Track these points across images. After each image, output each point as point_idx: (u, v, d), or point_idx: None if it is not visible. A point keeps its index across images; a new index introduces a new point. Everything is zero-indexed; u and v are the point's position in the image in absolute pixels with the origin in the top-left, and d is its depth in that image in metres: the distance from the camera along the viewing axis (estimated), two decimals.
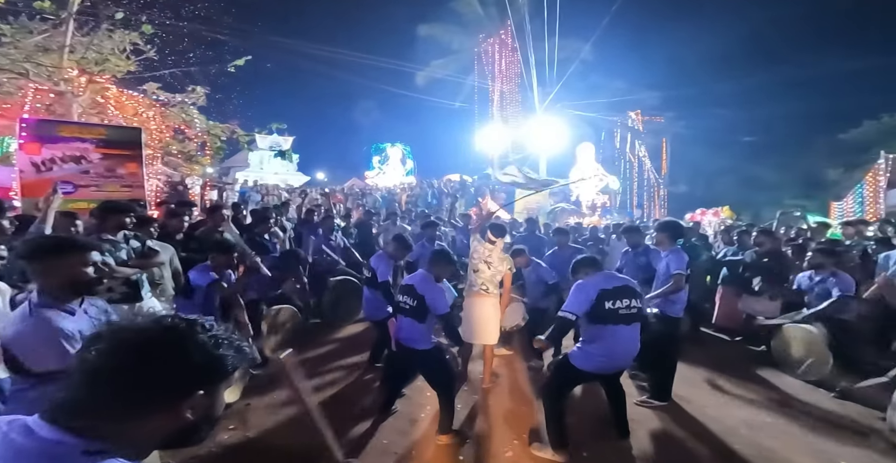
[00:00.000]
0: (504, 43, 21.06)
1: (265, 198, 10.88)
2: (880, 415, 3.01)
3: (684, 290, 3.58)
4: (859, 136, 17.89)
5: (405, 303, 2.91)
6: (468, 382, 3.83)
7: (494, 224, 4.00)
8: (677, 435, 3.05)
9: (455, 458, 2.70)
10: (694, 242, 6.08)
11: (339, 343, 4.97)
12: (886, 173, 12.77)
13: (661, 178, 22.40)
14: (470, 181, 15.47)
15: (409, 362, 3.01)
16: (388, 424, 3.09)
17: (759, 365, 4.33)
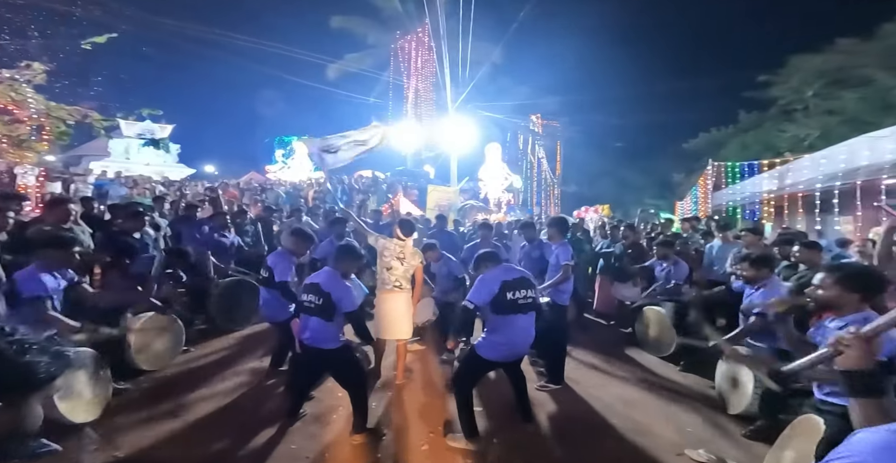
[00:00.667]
0: (421, 41, 20.65)
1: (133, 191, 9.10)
2: (711, 384, 3.51)
3: (571, 279, 3.85)
4: (696, 146, 21.03)
5: (310, 302, 2.72)
6: (381, 379, 3.73)
7: (403, 221, 3.91)
8: (569, 414, 3.26)
9: (372, 456, 2.61)
10: (578, 237, 6.61)
11: (235, 349, 4.45)
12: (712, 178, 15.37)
13: (555, 178, 24.16)
14: (382, 178, 14.99)
15: (317, 363, 2.85)
16: (296, 428, 2.88)
17: (628, 345, 4.82)
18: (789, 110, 16.32)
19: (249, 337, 4.84)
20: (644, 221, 8.11)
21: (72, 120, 8.76)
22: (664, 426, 3.05)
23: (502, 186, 17.21)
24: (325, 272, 2.85)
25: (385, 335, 3.73)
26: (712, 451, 2.65)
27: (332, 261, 2.93)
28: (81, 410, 2.74)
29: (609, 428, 3.04)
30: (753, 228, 4.83)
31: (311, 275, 2.93)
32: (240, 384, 3.59)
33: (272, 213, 6.77)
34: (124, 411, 3.01)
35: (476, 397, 2.92)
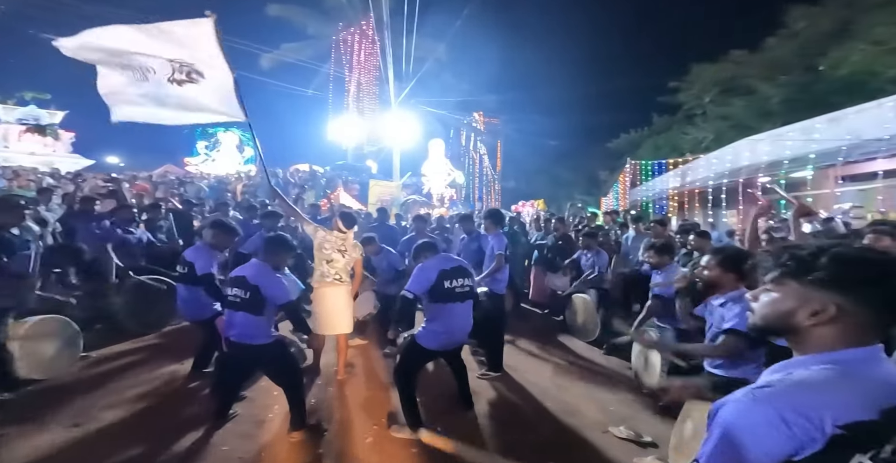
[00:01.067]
0: (365, 34, 19.79)
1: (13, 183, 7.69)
2: (629, 365, 3.75)
3: (505, 268, 3.92)
4: (618, 146, 22.69)
5: (236, 296, 2.55)
6: (322, 375, 3.58)
7: (344, 213, 3.77)
8: (509, 401, 3.31)
9: (314, 452, 2.50)
10: (515, 230, 6.77)
11: (148, 353, 3.99)
12: (630, 175, 16.73)
13: (496, 175, 24.74)
14: (321, 172, 14.20)
15: (247, 360, 2.69)
16: (227, 429, 2.70)
17: (560, 332, 5.02)
18: (691, 115, 17.92)
19: (165, 339, 4.36)
20: (573, 215, 8.55)
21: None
22: (590, 407, 3.20)
23: (445, 182, 17.24)
24: (253, 265, 2.66)
25: (325, 330, 3.56)
26: (632, 427, 2.82)
27: (261, 253, 2.76)
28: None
29: (544, 411, 3.13)
30: (660, 220, 5.29)
31: (237, 268, 2.71)
32: (156, 388, 3.25)
33: (192, 208, 6.10)
34: (10, 423, 2.66)
35: (419, 388, 2.89)
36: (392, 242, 5.19)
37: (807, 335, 0.79)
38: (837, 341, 0.77)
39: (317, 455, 2.47)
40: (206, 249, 3.30)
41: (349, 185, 12.71)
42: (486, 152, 24.13)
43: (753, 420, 0.72)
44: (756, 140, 9.88)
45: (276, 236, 2.92)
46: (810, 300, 0.78)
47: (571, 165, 27.04)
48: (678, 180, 13.52)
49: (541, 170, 27.30)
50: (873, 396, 0.73)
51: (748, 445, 0.72)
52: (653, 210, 14.79)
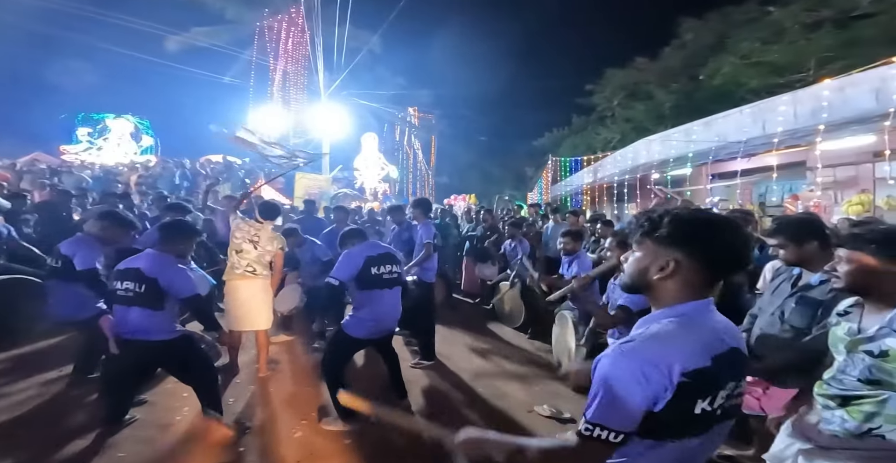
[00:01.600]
0: (294, 22, 18.17)
1: None
2: (550, 348, 3.91)
3: (434, 257, 3.88)
4: (542, 144, 24.09)
5: (127, 290, 2.28)
6: (241, 374, 3.35)
7: (265, 203, 3.51)
8: (442, 388, 3.29)
9: (234, 451, 2.33)
10: (447, 222, 6.82)
11: (14, 363, 3.41)
12: (552, 171, 17.81)
13: (430, 170, 24.71)
14: (239, 163, 12.80)
15: (145, 359, 2.39)
16: (124, 435, 2.43)
17: (490, 320, 5.11)
18: (603, 117, 19.49)
19: (36, 347, 3.72)
20: (502, 208, 8.82)
21: None
22: (517, 389, 3.27)
23: (378, 176, 16.75)
24: (148, 255, 2.37)
25: (239, 326, 3.25)
26: (554, 405, 2.92)
27: (157, 243, 2.47)
28: None
29: (475, 396, 3.14)
30: (574, 211, 5.63)
31: (127, 259, 2.38)
32: (30, 399, 2.83)
33: (70, 199, 5.12)
34: None
35: (351, 379, 2.82)
36: (319, 234, 4.87)
37: (657, 290, 0.87)
38: (679, 295, 0.85)
39: (238, 454, 2.30)
40: (89, 241, 2.86)
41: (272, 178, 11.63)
42: (421, 147, 23.95)
43: (622, 373, 0.78)
44: (650, 140, 11.02)
45: (172, 221, 2.61)
46: (658, 256, 0.85)
47: (501, 162, 28.00)
48: (591, 177, 14.67)
49: (473, 165, 27.87)
50: (708, 345, 0.82)
51: (622, 396, 0.77)
52: (570, 203, 15.90)
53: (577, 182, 16.24)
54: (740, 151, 7.88)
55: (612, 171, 12.86)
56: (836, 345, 1.37)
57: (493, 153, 27.87)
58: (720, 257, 0.84)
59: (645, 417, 0.78)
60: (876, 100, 5.79)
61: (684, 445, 0.82)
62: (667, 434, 0.81)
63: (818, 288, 1.71)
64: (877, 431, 1.23)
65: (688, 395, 0.78)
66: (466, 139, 26.57)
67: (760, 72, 12.29)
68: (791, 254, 1.80)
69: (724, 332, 0.86)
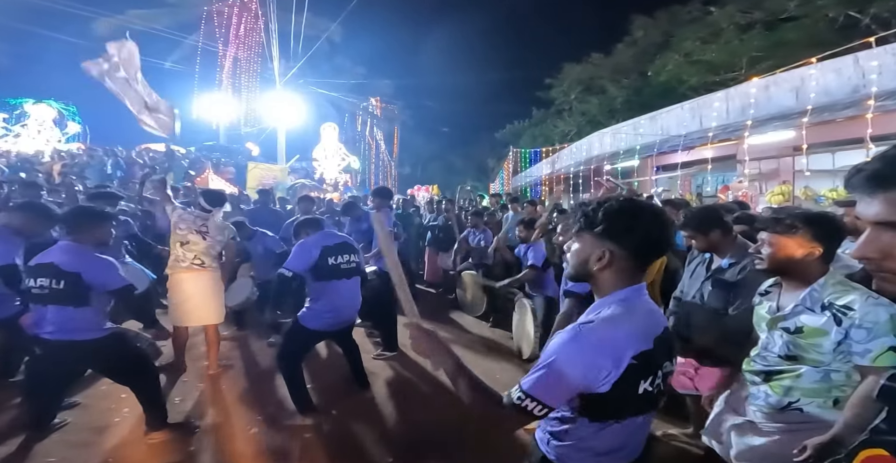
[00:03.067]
0: (247, 7, 16.77)
1: None
2: (510, 335, 3.92)
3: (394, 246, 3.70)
4: (503, 136, 24.35)
5: (42, 287, 2.07)
6: (189, 372, 3.17)
7: (208, 191, 3.30)
8: (405, 378, 3.23)
9: (184, 450, 2.21)
10: (409, 212, 6.68)
11: None
12: (512, 163, 18.07)
13: (392, 160, 24.20)
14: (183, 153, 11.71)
15: (71, 360, 2.18)
16: (53, 440, 2.26)
17: (452, 309, 5.07)
18: (560, 110, 19.99)
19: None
20: (463, 198, 8.78)
21: None
22: (480, 376, 3.22)
23: (339, 167, 16.12)
24: (62, 248, 2.14)
25: (186, 322, 3.04)
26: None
27: (70, 233, 2.22)
28: None
29: (438, 386, 3.07)
30: (532, 201, 5.70)
31: (40, 254, 2.16)
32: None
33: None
34: None
35: (312, 372, 2.75)
36: (276, 226, 4.61)
37: (598, 279, 0.91)
38: (616, 282, 0.89)
39: (188, 453, 2.18)
40: (5, 234, 2.57)
41: (222, 168, 10.81)
42: (383, 138, 23.34)
43: (574, 353, 0.81)
44: (602, 133, 11.46)
45: (77, 208, 2.39)
46: (595, 248, 0.89)
47: (463, 153, 28.04)
48: (549, 168, 15.04)
49: (435, 156, 27.71)
50: (648, 327, 0.86)
51: (566, 374, 0.80)
52: (530, 194, 16.25)
53: (536, 173, 16.60)
54: (681, 145, 8.37)
55: (568, 162, 13.25)
56: (759, 323, 1.43)
57: (455, 144, 27.87)
58: (644, 245, 0.88)
59: (592, 399, 0.82)
60: (796, 98, 6.33)
61: (629, 424, 0.87)
62: (613, 415, 0.85)
63: (729, 270, 1.84)
64: (795, 404, 1.29)
65: (634, 376, 0.81)
66: (429, 130, 26.33)
67: (699, 70, 13.07)
68: (700, 242, 1.95)
69: (657, 313, 0.93)
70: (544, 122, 21.47)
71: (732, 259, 1.85)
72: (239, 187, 9.11)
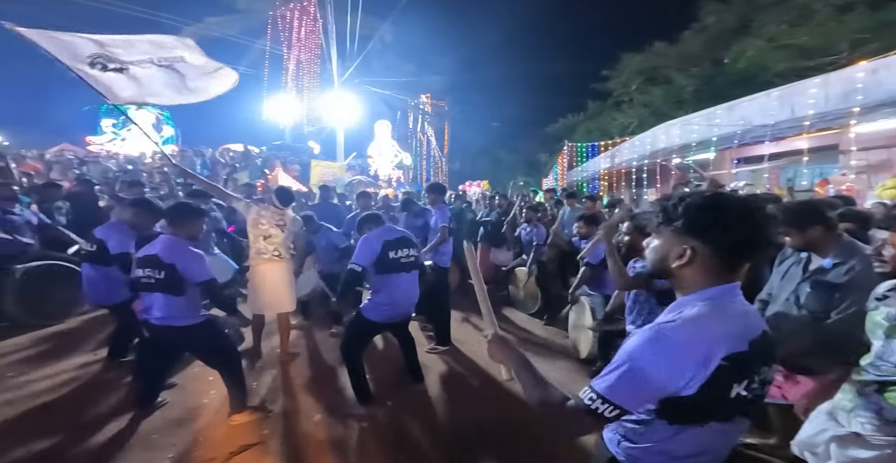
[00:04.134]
0: (306, 11, 17.88)
1: None
2: (566, 334, 3.85)
3: (449, 242, 3.84)
4: (556, 130, 23.48)
5: (148, 277, 2.28)
6: (264, 357, 3.38)
7: (281, 190, 3.51)
8: (457, 372, 3.29)
9: (258, 433, 2.37)
10: (462, 207, 6.76)
11: (53, 345, 3.49)
12: (567, 157, 17.41)
13: (443, 156, 24.46)
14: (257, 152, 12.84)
15: (173, 344, 2.45)
16: (156, 418, 2.50)
17: (505, 305, 5.06)
18: (619, 102, 18.83)
19: (71, 330, 3.80)
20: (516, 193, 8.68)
21: None
22: None
23: (392, 163, 16.67)
24: (163, 241, 2.32)
25: (265, 310, 3.30)
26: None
27: (169, 227, 2.43)
28: None
29: (489, 381, 3.13)
30: (591, 196, 5.49)
31: (145, 246, 2.39)
32: (66, 382, 2.91)
33: (92, 187, 5.28)
34: None
35: (369, 364, 2.82)
36: (336, 220, 4.91)
37: (679, 277, 0.87)
38: (702, 281, 0.84)
39: (262, 436, 2.33)
40: (122, 227, 2.90)
41: (289, 166, 11.70)
42: (434, 134, 23.64)
43: (651, 354, 0.77)
44: (670, 125, 10.64)
45: (177, 204, 2.57)
46: (675, 245, 0.85)
47: (513, 148, 27.52)
48: (608, 162, 14.29)
49: (485, 152, 27.50)
50: (743, 329, 0.81)
51: (644, 377, 0.76)
52: (587, 189, 15.59)
53: (593, 167, 15.87)
54: (768, 135, 7.54)
55: (629, 156, 12.51)
56: (875, 330, 1.30)
57: (505, 139, 27.40)
58: (732, 242, 0.82)
59: (674, 402, 0.77)
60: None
61: (713, 429, 0.81)
62: (697, 418, 0.80)
63: (832, 271, 1.68)
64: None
65: (725, 379, 0.77)
66: (479, 125, 26.12)
67: (787, 55, 11.64)
68: (796, 240, 1.79)
69: (753, 315, 0.86)
70: (601, 115, 20.40)
71: (837, 259, 1.68)
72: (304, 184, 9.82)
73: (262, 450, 2.23)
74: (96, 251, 2.85)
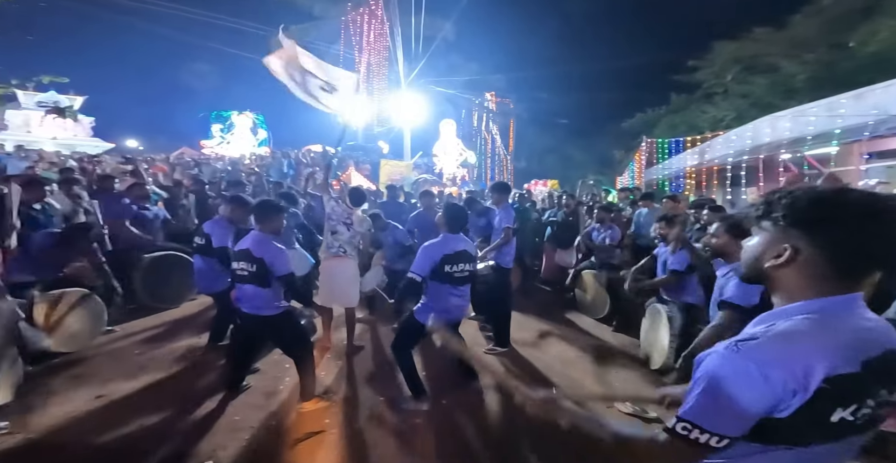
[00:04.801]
0: (374, 14, 19.02)
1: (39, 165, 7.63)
2: (638, 343, 3.62)
3: (513, 242, 3.79)
4: (633, 125, 21.67)
5: (243, 270, 2.51)
6: (332, 348, 3.57)
7: (353, 190, 3.71)
8: (514, 375, 3.23)
9: (320, 422, 2.51)
10: (526, 207, 6.64)
11: (167, 327, 4.04)
12: (646, 154, 16.07)
13: (508, 155, 24.16)
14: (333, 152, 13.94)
15: (257, 331, 2.68)
16: (239, 401, 2.72)
17: (569, 309, 4.89)
18: (711, 93, 17.01)
19: (184, 313, 4.41)
20: (586, 192, 8.27)
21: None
22: (596, 382, 3.11)
23: (457, 162, 16.93)
24: (254, 237, 2.54)
25: (330, 302, 3.54)
26: (638, 403, 2.70)
27: (256, 224, 2.64)
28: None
29: (547, 385, 3.06)
30: (673, 196, 5.04)
31: (240, 241, 2.65)
32: (174, 362, 3.29)
33: (203, 186, 6.17)
34: (37, 394, 2.70)
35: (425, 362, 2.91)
36: (402, 218, 5.13)
37: (776, 281, 0.76)
38: (807, 288, 0.73)
39: (322, 425, 2.48)
40: (223, 222, 3.24)
41: (360, 166, 12.54)
42: (499, 132, 23.45)
43: (736, 374, 0.69)
44: (778, 117, 9.30)
45: (261, 201, 2.80)
46: (774, 242, 0.75)
47: (583, 145, 26.20)
48: (696, 158, 12.93)
49: (552, 149, 26.57)
50: (855, 348, 0.69)
51: (731, 398, 0.68)
52: (669, 188, 14.30)
53: (677, 165, 14.47)
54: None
55: (724, 151, 11.19)
56: None
57: (574, 136, 26.15)
58: (850, 245, 0.68)
59: (762, 423, 0.69)
60: None
61: (803, 453, 0.71)
62: (787, 440, 0.71)
63: None
64: None
65: (826, 402, 0.67)
66: (545, 123, 25.29)
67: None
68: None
69: (876, 331, 0.72)
70: (687, 109, 18.55)
71: None
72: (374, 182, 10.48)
73: (322, 438, 2.36)
74: (204, 244, 3.18)
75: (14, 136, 16.90)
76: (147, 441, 2.29)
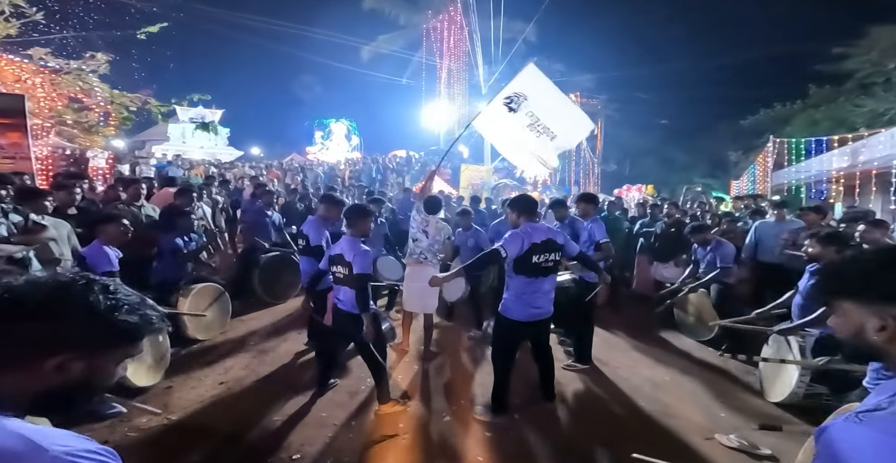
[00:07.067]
0: (453, 20, 19.90)
1: (191, 172, 9.52)
2: (751, 369, 3.28)
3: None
4: (756, 123, 19.18)
5: (339, 272, 2.72)
6: (409, 353, 3.73)
7: (428, 198, 3.85)
8: (594, 395, 3.15)
9: (394, 425, 2.63)
10: (617, 215, 6.32)
11: (278, 320, 4.61)
12: (773, 155, 13.96)
13: (595, 157, 23.03)
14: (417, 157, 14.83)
15: (343, 328, 2.81)
16: (327, 398, 2.96)
17: (665, 328, 4.54)
18: (867, 84, 14.51)
19: (290, 308, 4.97)
20: (692, 200, 7.56)
21: (133, 106, 9.48)
22: (694, 410, 2.89)
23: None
24: (345, 241, 2.73)
25: (409, 307, 3.76)
26: (745, 436, 2.47)
27: (346, 227, 2.84)
28: (143, 373, 2.87)
29: (634, 409, 2.92)
30: (815, 207, 4.35)
31: (333, 245, 2.90)
32: (280, 354, 3.69)
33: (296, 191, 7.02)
34: (176, 375, 3.19)
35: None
36: (481, 226, 5.17)
37: (889, 353, 0.73)
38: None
39: (396, 429, 2.61)
40: (317, 222, 3.52)
41: (442, 170, 13.17)
42: None
43: (862, 446, 0.67)
44: None
45: (351, 205, 3.04)
46: (867, 316, 0.72)
47: (687, 146, 23.81)
48: (846, 160, 10.86)
49: (648, 151, 24.63)
50: None
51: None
52: (806, 195, 12.24)
53: (818, 167, 12.31)
54: None
55: (887, 152, 9.25)
56: None
57: (676, 137, 23.94)
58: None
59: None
60: None
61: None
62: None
63: None
64: None
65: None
66: (639, 123, 23.65)
67: None
68: None
69: None
70: (834, 102, 15.81)
71: None
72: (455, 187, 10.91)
73: (395, 442, 2.47)
74: (305, 245, 3.49)
75: (174, 146, 21.68)
76: (252, 431, 2.55)
